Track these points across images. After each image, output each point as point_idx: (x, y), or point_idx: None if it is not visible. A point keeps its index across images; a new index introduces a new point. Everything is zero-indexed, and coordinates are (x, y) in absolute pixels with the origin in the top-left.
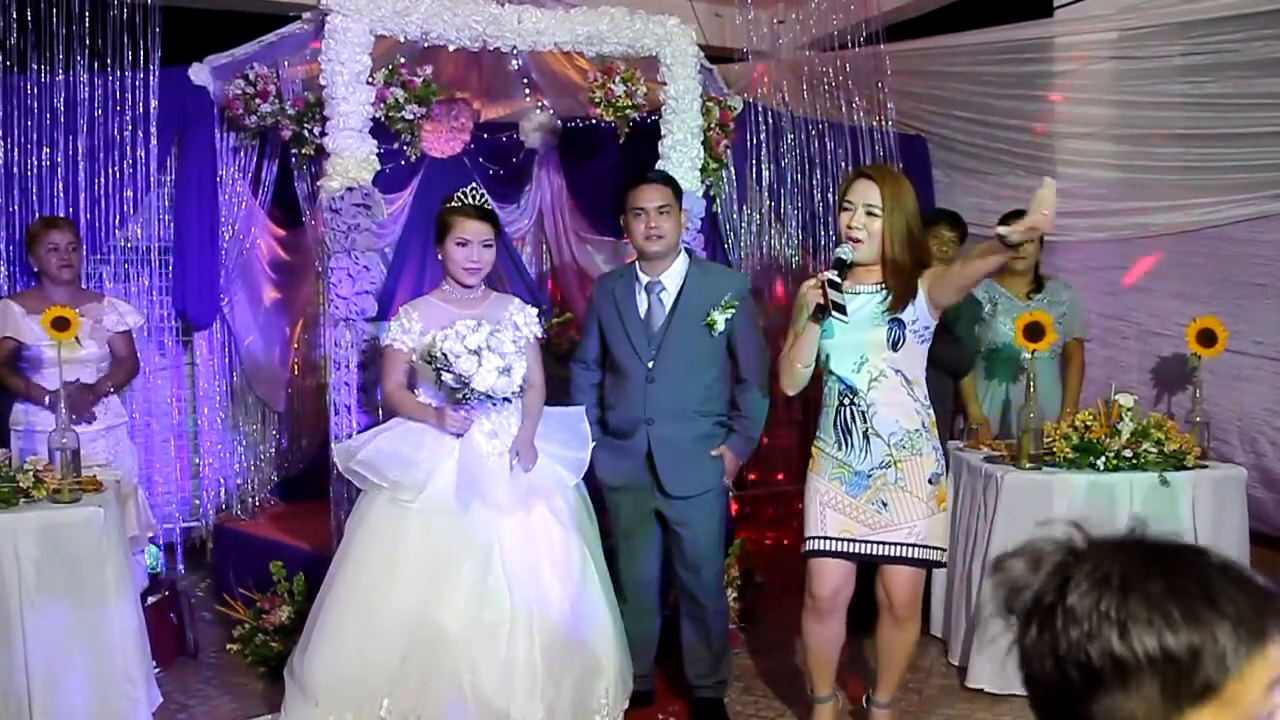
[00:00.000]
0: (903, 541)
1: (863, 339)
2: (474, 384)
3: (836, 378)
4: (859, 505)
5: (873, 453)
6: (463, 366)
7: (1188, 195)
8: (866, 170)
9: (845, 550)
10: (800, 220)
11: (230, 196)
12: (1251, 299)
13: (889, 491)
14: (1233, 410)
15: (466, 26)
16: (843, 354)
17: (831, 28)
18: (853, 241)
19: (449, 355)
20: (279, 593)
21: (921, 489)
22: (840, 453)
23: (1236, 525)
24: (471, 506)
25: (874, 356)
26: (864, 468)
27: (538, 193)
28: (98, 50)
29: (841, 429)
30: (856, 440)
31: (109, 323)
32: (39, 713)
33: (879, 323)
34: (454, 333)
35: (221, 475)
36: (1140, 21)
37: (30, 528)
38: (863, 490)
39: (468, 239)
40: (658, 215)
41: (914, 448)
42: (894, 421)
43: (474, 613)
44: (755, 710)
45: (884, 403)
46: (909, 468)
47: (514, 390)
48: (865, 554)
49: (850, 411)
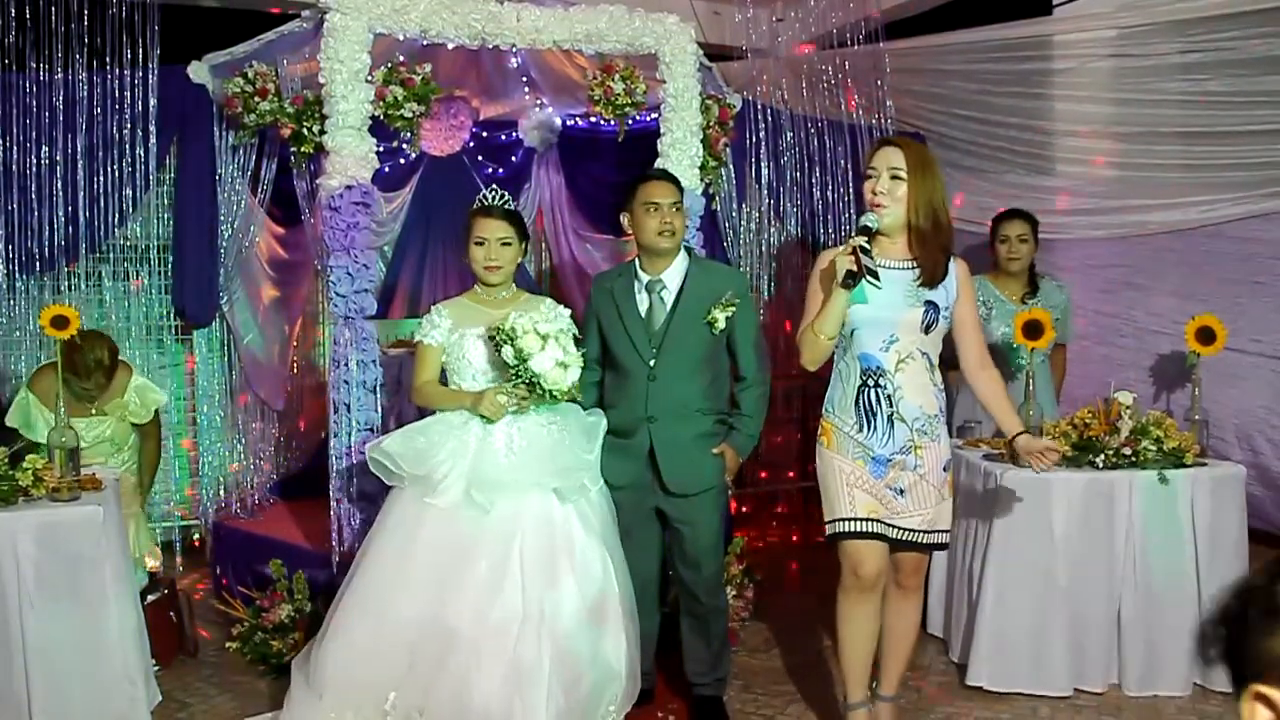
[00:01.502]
0: (916, 528)
1: (895, 318)
2: (531, 364)
3: (861, 356)
4: (880, 487)
5: (895, 437)
6: (527, 343)
7: (1186, 193)
8: (890, 138)
9: (874, 531)
10: (800, 218)
11: (229, 195)
12: (1249, 297)
13: (907, 478)
14: (1230, 408)
15: (465, 24)
16: (872, 331)
17: (831, 25)
18: (876, 208)
19: (517, 329)
20: (278, 591)
21: (937, 476)
22: (861, 434)
23: (1235, 523)
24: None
25: (905, 337)
26: (884, 452)
27: (537, 191)
28: (96, 49)
29: (865, 410)
30: (880, 424)
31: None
32: (38, 711)
33: (914, 303)
34: (528, 315)
35: (220, 473)
36: (1139, 19)
37: (29, 526)
38: (883, 475)
39: (484, 238)
40: (671, 211)
41: (934, 433)
42: (918, 406)
43: (484, 612)
44: (755, 708)
45: (910, 386)
46: (929, 454)
47: (562, 391)
48: (886, 537)
49: (875, 394)
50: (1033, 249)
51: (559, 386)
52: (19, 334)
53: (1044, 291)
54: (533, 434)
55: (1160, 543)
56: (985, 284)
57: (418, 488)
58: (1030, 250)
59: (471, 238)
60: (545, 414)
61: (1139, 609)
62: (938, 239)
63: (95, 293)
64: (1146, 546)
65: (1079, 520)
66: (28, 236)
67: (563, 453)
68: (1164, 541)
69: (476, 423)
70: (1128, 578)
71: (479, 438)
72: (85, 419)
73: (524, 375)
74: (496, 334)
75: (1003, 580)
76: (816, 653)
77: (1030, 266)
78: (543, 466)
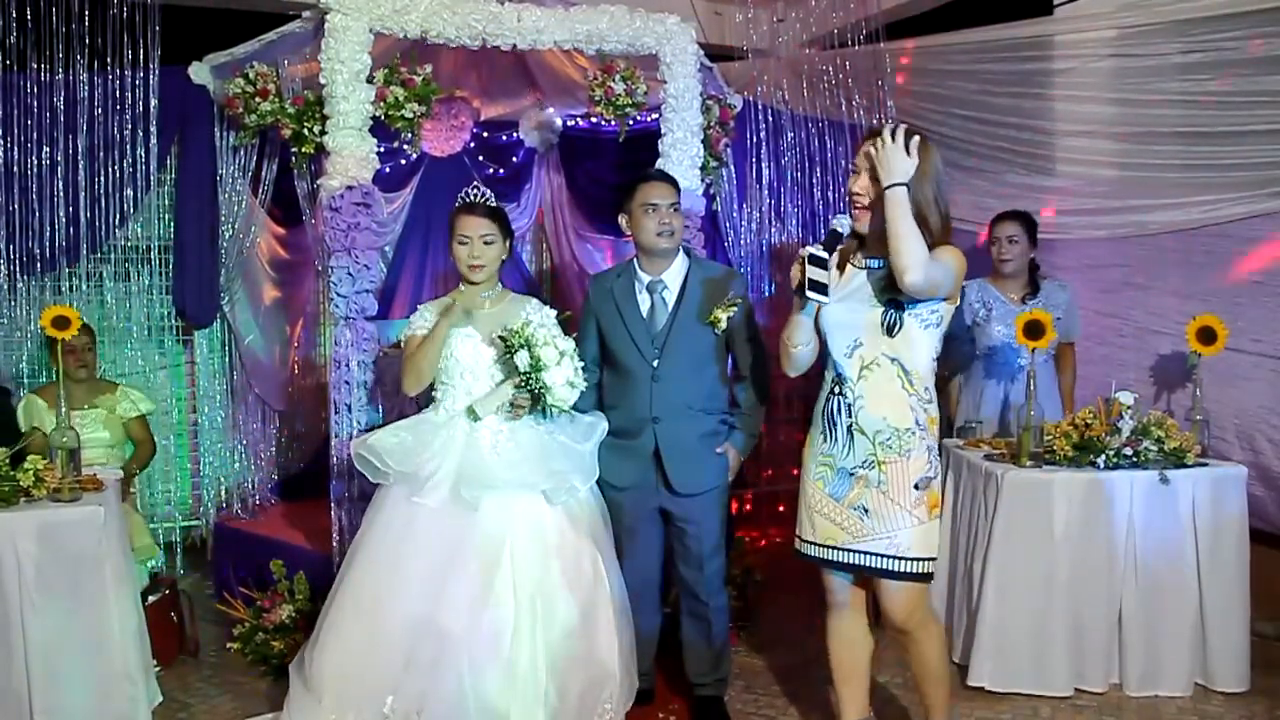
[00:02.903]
0: (882, 553)
1: (858, 320)
2: (545, 375)
3: (833, 362)
4: (842, 510)
5: (855, 450)
6: (546, 355)
7: (1187, 193)
8: (879, 128)
9: (830, 558)
10: (800, 219)
11: (230, 195)
12: (1250, 297)
13: (871, 496)
14: (1230, 408)
15: (466, 25)
16: (838, 335)
17: (831, 25)
18: (856, 209)
19: (537, 338)
20: (279, 591)
21: (906, 495)
22: (824, 445)
23: (1236, 523)
24: (482, 507)
25: (869, 341)
26: (847, 465)
27: (537, 191)
28: (97, 49)
29: (827, 420)
30: (840, 434)
31: (123, 410)
32: (39, 711)
33: (876, 302)
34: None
35: (221, 474)
36: (1139, 19)
37: (30, 527)
38: (846, 492)
39: (468, 236)
40: (670, 211)
41: (902, 448)
42: (881, 419)
43: (478, 613)
44: (755, 709)
45: (874, 395)
46: (894, 471)
47: (561, 410)
48: (848, 563)
49: (837, 402)
50: (1027, 249)
51: (562, 404)
52: (19, 335)
53: (1045, 290)
54: (521, 435)
55: (1161, 543)
56: (986, 286)
57: (405, 485)
58: (1023, 250)
59: (455, 236)
60: (536, 415)
61: (1140, 609)
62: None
63: (96, 293)
64: (1147, 546)
65: (1080, 520)
66: (28, 237)
67: (552, 455)
68: (1165, 541)
69: (463, 420)
70: (1128, 578)
71: (466, 434)
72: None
73: (534, 385)
74: (512, 337)
75: (1003, 580)
76: (817, 653)
77: (1033, 268)
78: (531, 468)
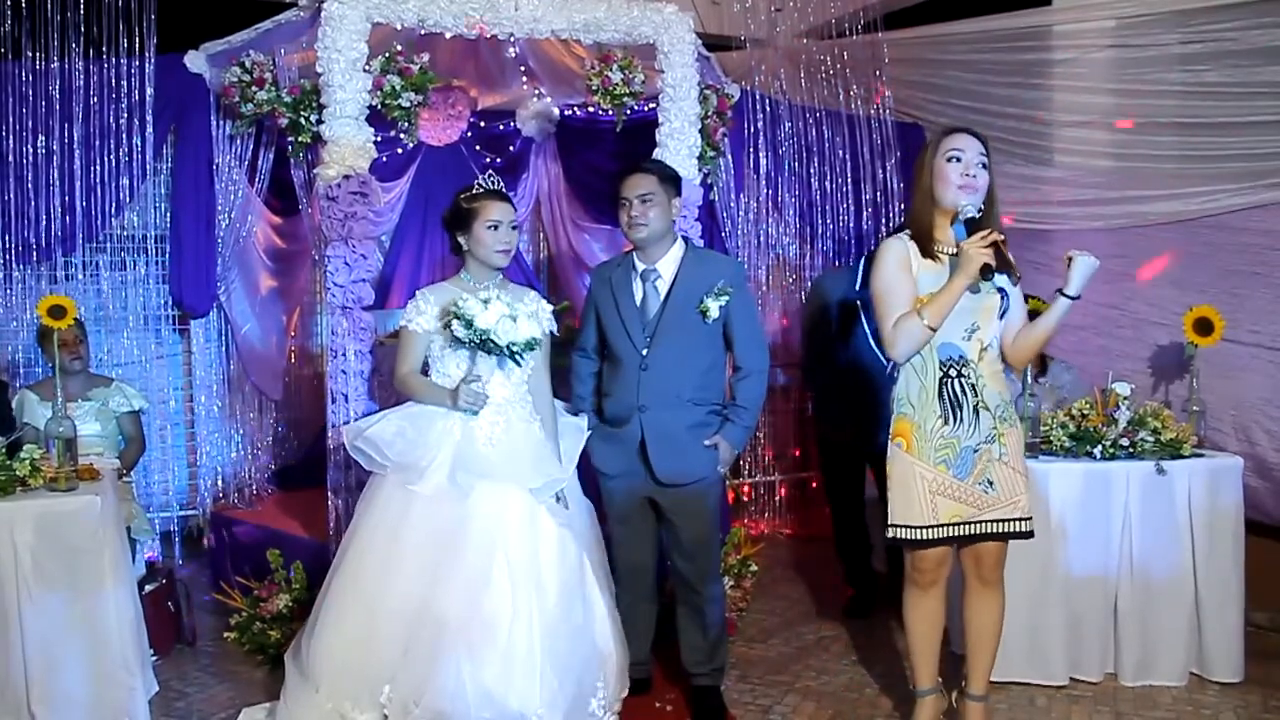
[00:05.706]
0: (1009, 517)
1: (977, 305)
2: (477, 322)
3: (940, 346)
4: (967, 487)
5: (981, 427)
6: (469, 308)
7: (1185, 184)
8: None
9: (956, 534)
10: (798, 208)
11: (226, 184)
12: (1248, 288)
13: (994, 469)
14: (1227, 399)
15: (463, 14)
16: (954, 320)
17: (829, 15)
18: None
19: (458, 303)
20: (276, 581)
21: (1021, 461)
22: (947, 428)
23: (1232, 514)
24: (475, 495)
25: (984, 325)
26: (971, 442)
27: (535, 181)
28: (93, 37)
29: (949, 403)
30: (966, 414)
31: (115, 405)
32: (36, 700)
33: (990, 290)
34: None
35: (218, 464)
36: (1138, 9)
37: (27, 516)
38: (969, 471)
39: (498, 221)
40: (640, 204)
41: (1012, 419)
42: (998, 394)
43: (474, 601)
44: (752, 698)
45: (989, 373)
46: (1011, 440)
47: (519, 346)
48: (973, 534)
49: (959, 384)
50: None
51: (512, 338)
52: (15, 324)
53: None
54: (516, 430)
55: (1157, 533)
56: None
57: (400, 474)
58: None
59: (481, 222)
60: (528, 412)
61: (1135, 599)
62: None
63: (92, 283)
64: (1143, 537)
65: (1076, 511)
66: (24, 226)
67: (544, 461)
68: (1161, 532)
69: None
70: (1124, 568)
71: (462, 425)
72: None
73: (475, 337)
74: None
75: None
76: (813, 642)
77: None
78: (525, 464)
